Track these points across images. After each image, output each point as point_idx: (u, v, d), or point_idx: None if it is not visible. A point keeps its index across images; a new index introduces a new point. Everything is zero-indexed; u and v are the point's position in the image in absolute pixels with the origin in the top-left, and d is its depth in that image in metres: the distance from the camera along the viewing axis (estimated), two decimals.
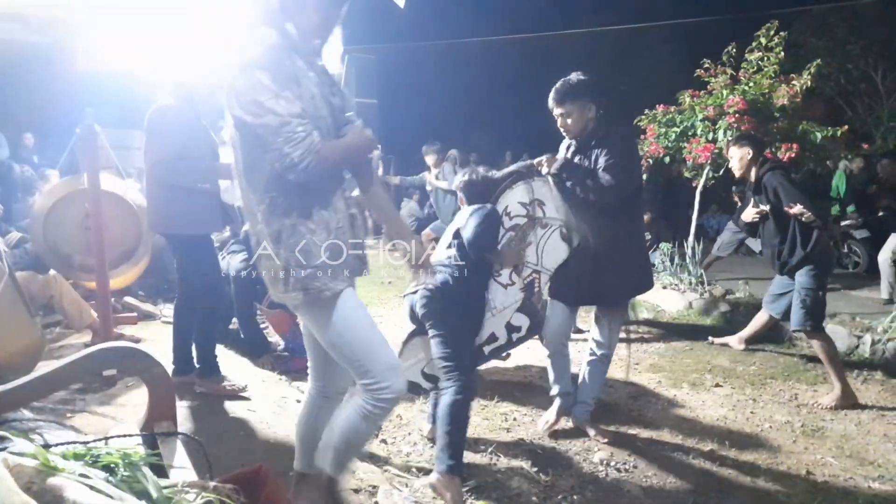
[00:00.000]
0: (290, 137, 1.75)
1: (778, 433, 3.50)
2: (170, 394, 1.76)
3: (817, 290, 3.93)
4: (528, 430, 3.39)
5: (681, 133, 6.67)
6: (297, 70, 1.83)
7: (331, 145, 1.85)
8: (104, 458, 1.29)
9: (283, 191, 1.87)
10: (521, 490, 2.77)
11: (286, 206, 1.89)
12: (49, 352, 4.25)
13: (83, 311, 4.45)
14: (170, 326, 4.87)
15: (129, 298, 5.36)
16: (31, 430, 1.56)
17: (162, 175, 3.43)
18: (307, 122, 1.78)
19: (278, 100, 1.75)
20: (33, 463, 1.12)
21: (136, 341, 4.41)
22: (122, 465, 1.27)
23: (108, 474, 1.23)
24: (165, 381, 1.75)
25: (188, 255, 3.61)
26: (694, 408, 3.82)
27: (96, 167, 3.75)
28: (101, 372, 3.46)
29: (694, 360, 4.69)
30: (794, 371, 4.49)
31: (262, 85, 1.75)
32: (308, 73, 1.87)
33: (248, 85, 1.76)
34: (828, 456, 3.23)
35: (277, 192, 1.87)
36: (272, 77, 1.76)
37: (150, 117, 3.44)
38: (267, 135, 1.77)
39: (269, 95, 1.75)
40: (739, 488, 2.93)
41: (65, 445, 1.34)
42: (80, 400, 3.38)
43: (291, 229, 1.89)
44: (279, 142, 1.76)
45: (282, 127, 1.75)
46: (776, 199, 3.97)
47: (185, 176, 3.43)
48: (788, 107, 6.20)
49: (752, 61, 6.54)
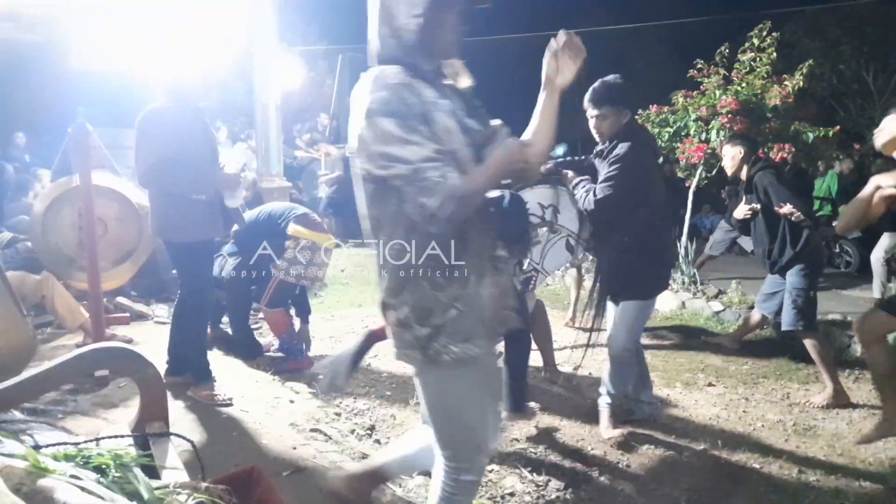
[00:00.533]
0: (425, 186, 1.56)
1: (770, 432, 3.52)
2: (162, 394, 1.74)
3: (808, 289, 3.96)
4: (522, 430, 3.39)
5: (674, 133, 6.69)
6: (425, 105, 1.64)
7: (474, 178, 1.64)
8: (95, 459, 1.29)
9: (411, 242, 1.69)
10: (514, 489, 2.78)
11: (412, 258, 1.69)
12: (41, 352, 4.22)
13: (75, 312, 4.43)
14: (162, 327, 4.86)
15: (122, 299, 5.33)
16: (21, 431, 1.55)
17: (153, 183, 3.32)
18: (441, 164, 1.58)
19: (407, 146, 1.58)
20: (23, 464, 1.11)
21: (129, 342, 4.38)
22: (114, 466, 1.27)
23: (100, 475, 1.22)
24: (157, 382, 1.74)
25: (185, 262, 3.53)
26: (687, 407, 3.83)
27: (88, 166, 3.72)
28: (93, 373, 3.44)
29: (687, 360, 4.71)
30: (787, 370, 4.51)
31: (389, 134, 1.58)
32: (438, 103, 1.68)
33: (373, 136, 1.61)
34: (819, 455, 3.25)
35: (407, 243, 1.69)
36: (399, 122, 1.59)
37: (139, 121, 3.33)
38: (401, 186, 1.60)
39: (397, 144, 1.58)
40: (731, 487, 2.94)
41: (55, 446, 1.33)
42: (72, 401, 3.36)
43: (415, 283, 1.69)
44: (413, 192, 1.58)
45: (415, 176, 1.57)
46: (766, 199, 3.99)
47: (178, 185, 3.31)
48: (781, 107, 6.23)
49: (745, 62, 6.57)
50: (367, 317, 5.70)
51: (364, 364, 4.39)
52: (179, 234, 3.40)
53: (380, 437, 3.26)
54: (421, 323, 1.69)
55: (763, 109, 6.26)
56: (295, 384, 3.87)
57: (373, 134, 1.61)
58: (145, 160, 3.27)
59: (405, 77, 1.66)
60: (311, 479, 2.67)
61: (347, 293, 6.72)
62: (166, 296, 5.65)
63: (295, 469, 2.75)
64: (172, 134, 3.28)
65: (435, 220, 1.59)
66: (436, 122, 1.64)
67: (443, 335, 1.68)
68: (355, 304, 6.20)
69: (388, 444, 3.19)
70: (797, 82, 6.26)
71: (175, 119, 3.34)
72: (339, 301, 6.35)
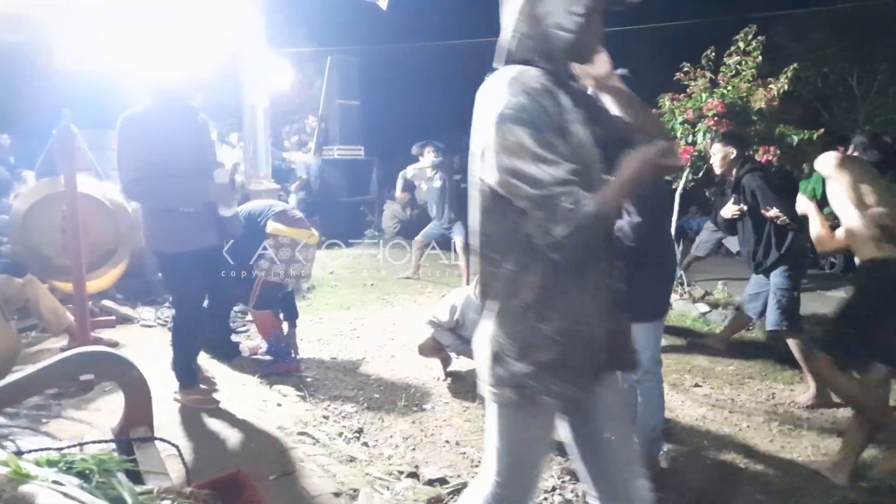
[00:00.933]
0: (555, 213, 1.39)
1: (755, 432, 3.55)
2: (146, 398, 1.73)
3: (792, 290, 4.01)
4: None
5: None
6: (564, 115, 1.49)
7: (607, 199, 1.45)
8: (78, 464, 1.28)
9: (525, 266, 1.51)
10: None
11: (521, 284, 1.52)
12: (25, 356, 4.19)
13: (60, 315, 4.39)
14: (148, 330, 4.84)
15: (108, 302, 5.29)
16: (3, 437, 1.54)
17: (137, 197, 3.14)
18: (575, 189, 1.40)
19: (540, 164, 1.40)
20: (5, 470, 1.10)
21: (114, 345, 4.35)
22: (97, 472, 1.26)
23: (83, 481, 1.22)
24: (142, 386, 1.73)
25: (172, 274, 3.40)
26: (673, 408, 3.85)
27: (73, 168, 3.69)
28: (78, 376, 3.41)
29: (673, 361, 4.73)
30: (772, 371, 4.55)
31: (521, 146, 1.41)
32: (575, 112, 1.52)
33: (503, 146, 1.43)
34: (805, 454, 3.28)
35: (518, 267, 1.52)
36: (534, 134, 1.41)
37: (120, 125, 3.10)
38: (526, 206, 1.43)
39: (529, 160, 1.40)
40: (717, 487, 2.96)
41: (38, 452, 1.32)
42: (56, 405, 3.33)
43: (521, 313, 1.52)
44: (540, 217, 1.42)
45: (544, 202, 1.40)
46: (753, 201, 4.03)
47: (164, 199, 3.12)
48: (766, 110, 6.29)
49: (731, 65, 6.63)
50: (355, 319, 5.70)
51: (352, 367, 4.39)
52: (167, 246, 3.25)
53: (368, 441, 3.26)
54: (520, 358, 1.52)
55: (749, 112, 6.32)
56: (283, 387, 3.85)
57: (502, 144, 1.43)
58: (127, 172, 3.08)
59: (547, 82, 1.50)
60: (297, 483, 2.67)
61: (336, 295, 6.71)
62: (152, 299, 5.62)
63: (282, 473, 2.75)
64: (156, 139, 3.09)
65: (562, 249, 1.42)
66: (571, 134, 1.49)
67: (545, 373, 1.51)
68: (343, 307, 6.19)
69: (363, 446, 3.18)
70: (782, 85, 6.33)
71: (159, 123, 3.15)
72: (328, 303, 6.34)
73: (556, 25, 1.51)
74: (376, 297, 6.67)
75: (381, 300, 6.57)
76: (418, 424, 3.48)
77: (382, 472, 2.89)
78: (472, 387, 4.01)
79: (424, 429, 3.43)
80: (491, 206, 1.54)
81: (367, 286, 7.24)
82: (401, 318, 5.77)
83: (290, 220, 4.16)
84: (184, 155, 3.17)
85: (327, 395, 3.84)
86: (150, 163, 3.07)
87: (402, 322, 5.55)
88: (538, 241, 1.45)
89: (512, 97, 1.44)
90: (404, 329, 5.26)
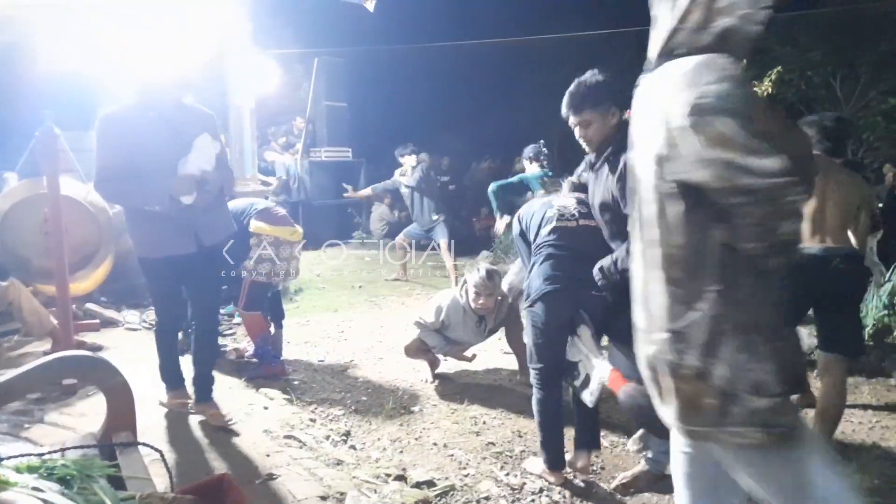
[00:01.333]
0: (784, 206, 1.25)
1: None
2: (129, 403, 1.72)
3: None
4: (498, 434, 3.40)
5: None
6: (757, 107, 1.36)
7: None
8: (59, 470, 1.26)
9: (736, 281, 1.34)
10: (490, 493, 2.78)
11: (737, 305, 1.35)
12: (7, 360, 4.13)
13: (43, 319, 4.34)
14: (133, 334, 4.79)
15: (92, 305, 5.24)
16: None
17: (108, 196, 3.12)
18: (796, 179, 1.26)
19: (756, 156, 1.25)
20: None
21: (98, 349, 4.31)
22: (79, 478, 1.25)
23: (64, 487, 1.20)
24: (125, 391, 1.71)
25: (151, 279, 3.34)
26: None
27: (56, 170, 3.66)
28: (60, 381, 3.37)
29: None
30: None
31: (730, 138, 1.26)
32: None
33: (706, 139, 1.27)
34: None
35: (727, 285, 1.34)
36: (744, 125, 1.26)
37: (97, 124, 3.05)
38: (741, 205, 1.28)
39: (742, 152, 1.25)
40: None
41: (18, 458, 1.30)
42: (38, 410, 3.29)
43: (744, 341, 1.34)
44: (763, 215, 1.26)
45: (770, 192, 1.24)
46: None
47: (130, 198, 3.08)
48: None
49: None
50: (342, 321, 5.68)
51: (340, 370, 4.38)
52: (143, 250, 3.20)
53: (355, 443, 3.24)
54: (759, 392, 1.33)
55: None
56: (269, 390, 3.83)
57: (705, 136, 1.28)
58: (99, 170, 3.05)
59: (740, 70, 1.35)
60: (284, 487, 2.65)
61: (323, 297, 6.69)
62: (137, 302, 5.57)
63: (268, 476, 2.73)
64: (125, 140, 3.02)
65: (787, 251, 1.30)
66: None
67: (787, 403, 1.35)
68: (331, 309, 6.17)
69: (350, 449, 3.17)
70: (766, 88, 6.40)
71: (131, 123, 3.07)
72: (315, 306, 6.31)
73: (746, 17, 1.38)
74: (364, 300, 6.66)
75: (368, 302, 6.55)
76: (406, 427, 3.47)
77: (370, 475, 2.87)
78: (459, 389, 4.01)
79: (412, 431, 3.43)
80: (682, 214, 1.37)
81: (354, 288, 7.23)
82: (389, 320, 5.76)
83: (272, 218, 4.11)
84: (157, 155, 3.05)
85: (314, 397, 3.82)
86: (121, 162, 3.01)
87: (390, 324, 5.54)
88: (752, 244, 1.30)
89: (710, 85, 1.30)
90: (392, 331, 5.24)
